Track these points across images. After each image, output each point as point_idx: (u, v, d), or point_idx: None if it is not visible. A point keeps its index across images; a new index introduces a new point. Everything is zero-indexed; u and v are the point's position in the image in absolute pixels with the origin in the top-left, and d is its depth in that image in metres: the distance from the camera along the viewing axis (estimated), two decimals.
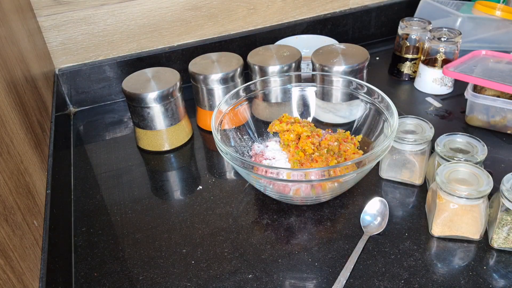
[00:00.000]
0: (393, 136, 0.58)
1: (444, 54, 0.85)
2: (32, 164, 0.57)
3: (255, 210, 0.65)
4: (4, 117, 0.50)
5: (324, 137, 0.67)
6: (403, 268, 0.54)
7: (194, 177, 0.73)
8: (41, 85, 0.75)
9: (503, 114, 0.73)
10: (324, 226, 0.61)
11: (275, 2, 0.99)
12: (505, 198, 0.52)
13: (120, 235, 0.62)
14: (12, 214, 0.44)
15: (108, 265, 0.58)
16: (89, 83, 0.92)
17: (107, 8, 0.87)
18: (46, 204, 0.57)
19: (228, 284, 0.54)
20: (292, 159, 0.65)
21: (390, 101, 0.64)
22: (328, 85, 0.74)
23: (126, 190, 0.70)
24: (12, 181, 0.47)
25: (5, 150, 0.47)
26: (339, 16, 1.05)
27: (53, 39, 0.87)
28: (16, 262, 0.42)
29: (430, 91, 0.89)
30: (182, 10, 0.92)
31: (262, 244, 0.59)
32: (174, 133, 0.78)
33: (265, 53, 0.81)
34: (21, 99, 0.59)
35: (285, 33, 1.01)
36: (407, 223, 0.60)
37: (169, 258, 0.58)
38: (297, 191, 0.60)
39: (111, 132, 0.86)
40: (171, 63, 0.95)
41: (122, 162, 0.77)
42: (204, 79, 0.77)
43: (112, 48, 0.91)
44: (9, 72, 0.57)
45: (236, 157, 0.57)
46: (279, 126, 0.68)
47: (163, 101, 0.73)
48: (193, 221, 0.63)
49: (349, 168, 0.55)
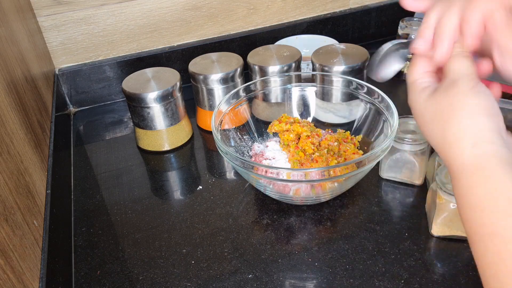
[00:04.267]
0: (393, 136, 0.58)
1: None
2: (32, 164, 0.57)
3: (255, 210, 0.65)
4: (4, 117, 0.50)
5: (324, 137, 0.68)
6: (403, 268, 0.54)
7: (194, 177, 0.73)
8: (41, 85, 0.75)
9: (503, 114, 0.73)
10: (324, 226, 0.61)
11: (275, 2, 0.99)
12: None
13: (120, 235, 0.62)
14: (12, 214, 0.44)
15: (108, 265, 0.58)
16: (89, 83, 0.92)
17: (107, 8, 0.87)
18: (46, 204, 0.57)
19: (228, 284, 0.54)
20: (292, 159, 0.65)
21: (390, 101, 0.64)
22: (328, 85, 0.74)
23: (126, 190, 0.70)
24: (12, 181, 0.47)
25: (5, 150, 0.47)
26: (339, 16, 1.05)
27: (53, 39, 0.87)
28: (16, 262, 0.42)
29: None
30: (182, 10, 0.92)
31: (262, 244, 0.59)
32: (174, 133, 0.78)
33: (265, 53, 0.81)
34: (21, 99, 0.60)
35: (285, 33, 1.01)
36: (407, 223, 0.60)
37: (169, 258, 0.58)
38: (297, 191, 0.60)
39: (111, 132, 0.86)
40: (171, 63, 0.95)
41: (122, 162, 0.77)
42: (204, 79, 0.77)
43: (112, 48, 0.91)
44: (9, 72, 0.57)
45: (236, 157, 0.57)
46: (279, 126, 0.68)
47: (163, 101, 0.73)
48: (193, 221, 0.63)
49: (349, 168, 0.55)
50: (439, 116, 0.38)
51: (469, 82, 0.37)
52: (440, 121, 0.37)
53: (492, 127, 0.35)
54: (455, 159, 0.36)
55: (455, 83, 0.38)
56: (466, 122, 0.36)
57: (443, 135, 0.37)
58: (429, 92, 0.40)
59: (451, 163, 0.37)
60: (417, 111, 0.41)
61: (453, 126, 0.36)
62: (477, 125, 0.35)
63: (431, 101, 0.39)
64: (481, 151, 0.34)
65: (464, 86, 0.37)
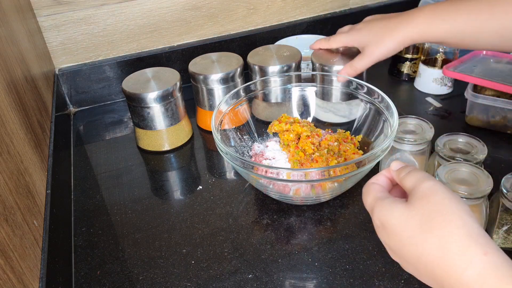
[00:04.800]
0: (393, 136, 0.58)
1: (444, 54, 0.85)
2: (32, 164, 0.57)
3: (255, 210, 0.65)
4: (4, 117, 0.50)
5: (324, 137, 0.68)
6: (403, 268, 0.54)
7: (194, 177, 0.73)
8: (41, 85, 0.75)
9: (503, 114, 0.73)
10: (324, 226, 0.61)
11: (275, 2, 0.99)
12: (505, 198, 0.52)
13: (120, 235, 0.62)
14: (12, 214, 0.44)
15: (108, 265, 0.58)
16: (89, 83, 0.92)
17: (107, 8, 0.87)
18: (46, 204, 0.57)
19: (228, 284, 0.54)
20: (292, 159, 0.65)
21: (390, 101, 0.64)
22: (328, 85, 0.74)
23: (126, 190, 0.70)
24: (12, 181, 0.47)
25: (5, 150, 0.47)
26: (339, 16, 1.05)
27: (53, 39, 0.86)
28: (16, 262, 0.42)
29: (430, 91, 0.89)
30: (182, 10, 0.92)
31: (262, 244, 0.59)
32: (174, 133, 0.78)
33: (265, 53, 0.81)
34: (21, 99, 0.59)
35: (285, 33, 1.01)
36: None
37: (169, 258, 0.58)
38: (297, 191, 0.60)
39: (111, 132, 0.86)
40: (171, 63, 0.95)
41: (122, 162, 0.77)
42: (204, 79, 0.77)
43: (112, 48, 0.91)
44: (9, 72, 0.57)
45: (236, 157, 0.57)
46: (278, 127, 0.68)
47: (163, 101, 0.73)
48: (193, 221, 0.63)
49: (349, 168, 0.55)
50: (429, 225, 0.34)
51: (444, 187, 0.35)
52: (434, 229, 0.33)
53: (482, 230, 0.33)
54: (467, 269, 0.31)
55: (432, 190, 0.35)
56: (467, 228, 0.33)
57: (443, 245, 0.33)
58: (401, 205, 0.36)
59: (459, 276, 0.32)
60: (396, 227, 0.36)
61: (454, 231, 0.33)
62: (479, 231, 0.33)
63: (410, 212, 0.35)
64: (493, 256, 0.31)
65: (444, 191, 0.35)
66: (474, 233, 0.33)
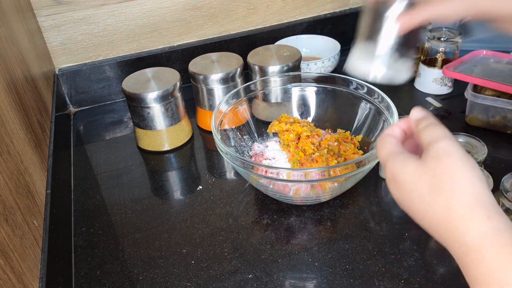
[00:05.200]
0: None
1: (444, 54, 0.85)
2: (32, 164, 0.57)
3: (255, 210, 0.65)
4: (4, 117, 0.50)
5: (324, 137, 0.68)
6: (403, 268, 0.54)
7: (194, 177, 0.73)
8: (41, 85, 0.75)
9: (503, 114, 0.73)
10: (324, 226, 0.61)
11: (275, 2, 0.99)
12: (505, 198, 0.52)
13: (120, 235, 0.62)
14: (12, 214, 0.44)
15: (108, 265, 0.58)
16: (89, 83, 0.92)
17: (107, 8, 0.87)
18: (46, 204, 0.57)
19: (228, 284, 0.54)
20: (292, 159, 0.65)
21: (390, 101, 0.64)
22: (328, 85, 0.74)
23: (126, 190, 0.70)
24: (12, 181, 0.47)
25: (5, 150, 0.47)
26: (339, 16, 1.05)
27: (53, 39, 0.86)
28: (16, 262, 0.42)
29: (430, 91, 0.89)
30: (182, 10, 0.92)
31: (262, 244, 0.59)
32: (174, 133, 0.78)
33: (265, 53, 0.81)
34: (21, 99, 0.60)
35: (285, 33, 1.01)
36: (407, 223, 0.60)
37: (169, 258, 0.58)
38: (297, 191, 0.60)
39: (111, 132, 0.86)
40: (171, 63, 0.95)
41: (122, 162, 0.77)
42: (204, 79, 0.77)
43: (112, 48, 0.91)
44: (9, 72, 0.57)
45: (236, 157, 0.57)
46: (278, 127, 0.68)
47: (163, 101, 0.73)
48: (193, 221, 0.63)
49: (349, 168, 0.55)
50: (438, 186, 0.34)
51: (460, 149, 0.35)
52: (443, 191, 0.34)
53: (492, 197, 0.33)
54: (468, 231, 0.32)
55: (446, 151, 0.35)
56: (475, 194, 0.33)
57: (448, 207, 0.33)
58: (414, 162, 0.36)
59: (460, 238, 0.33)
60: (408, 184, 0.36)
61: (461, 196, 0.33)
62: (486, 197, 0.33)
63: (422, 170, 0.35)
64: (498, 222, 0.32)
65: (459, 153, 0.35)
66: (481, 198, 0.33)
